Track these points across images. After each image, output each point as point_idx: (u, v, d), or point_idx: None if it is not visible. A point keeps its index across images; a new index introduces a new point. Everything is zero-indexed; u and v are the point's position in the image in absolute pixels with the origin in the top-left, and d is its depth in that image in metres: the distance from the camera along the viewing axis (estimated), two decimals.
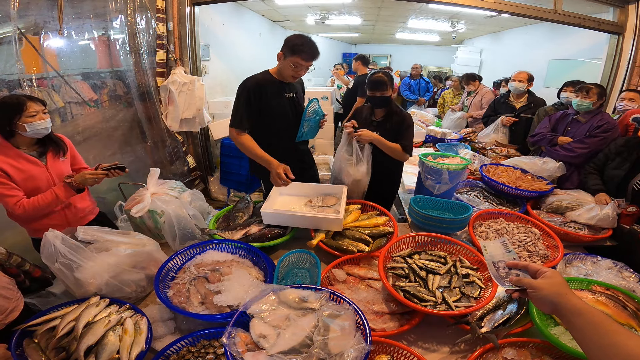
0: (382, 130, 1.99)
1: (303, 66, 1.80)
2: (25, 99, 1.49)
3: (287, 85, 1.93)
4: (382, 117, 2.04)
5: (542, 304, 0.69)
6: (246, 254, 1.43)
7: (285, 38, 1.78)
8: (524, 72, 3.20)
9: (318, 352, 0.87)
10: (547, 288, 0.68)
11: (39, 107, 1.51)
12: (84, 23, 2.73)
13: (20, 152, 1.52)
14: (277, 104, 1.90)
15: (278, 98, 1.90)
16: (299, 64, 1.77)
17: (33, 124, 1.48)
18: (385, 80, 1.92)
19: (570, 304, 0.64)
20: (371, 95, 1.97)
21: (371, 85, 1.94)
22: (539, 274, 0.73)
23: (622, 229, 1.75)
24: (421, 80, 5.96)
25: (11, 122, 1.45)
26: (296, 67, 1.78)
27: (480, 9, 3.47)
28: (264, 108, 1.87)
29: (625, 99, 2.58)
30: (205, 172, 3.93)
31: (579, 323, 0.62)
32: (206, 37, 3.98)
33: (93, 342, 0.98)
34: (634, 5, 3.22)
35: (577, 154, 2.30)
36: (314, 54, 1.77)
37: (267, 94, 1.86)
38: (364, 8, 5.87)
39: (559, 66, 5.10)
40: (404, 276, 1.28)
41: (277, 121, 1.94)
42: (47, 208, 1.55)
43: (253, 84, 1.84)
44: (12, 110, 1.45)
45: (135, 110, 3.19)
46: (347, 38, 10.00)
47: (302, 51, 1.73)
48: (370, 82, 1.95)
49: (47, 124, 1.54)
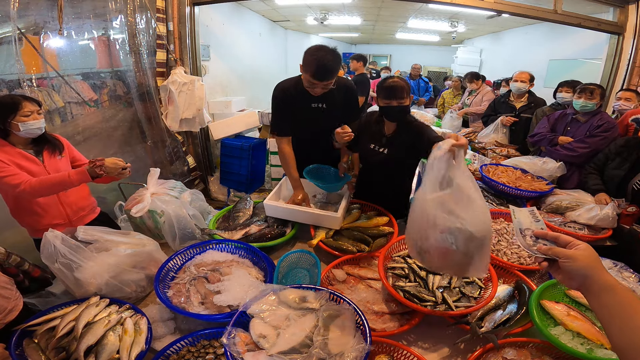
0: (393, 147, 1.69)
1: (318, 85, 1.61)
2: (21, 98, 1.50)
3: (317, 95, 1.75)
4: (395, 131, 1.69)
5: (573, 277, 0.65)
6: (246, 254, 1.43)
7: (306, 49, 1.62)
8: (525, 72, 3.20)
9: (318, 352, 0.87)
10: (582, 259, 0.64)
11: (34, 107, 1.52)
12: (83, 23, 2.74)
13: (19, 150, 1.54)
14: (302, 113, 1.79)
15: (304, 107, 1.78)
16: (312, 82, 1.60)
17: (27, 123, 1.49)
18: (403, 86, 1.57)
19: (603, 278, 0.61)
20: (386, 104, 1.59)
21: (386, 93, 1.58)
22: (570, 246, 0.69)
23: (622, 229, 1.75)
24: (420, 80, 5.96)
25: (5, 120, 1.47)
26: (311, 84, 1.62)
27: (480, 9, 3.47)
28: (292, 115, 1.80)
29: (622, 99, 2.59)
30: (205, 172, 3.93)
31: (608, 300, 0.59)
32: (206, 37, 3.99)
33: (93, 342, 0.98)
34: (634, 5, 3.22)
35: (578, 153, 2.30)
36: (322, 74, 1.57)
37: (292, 101, 1.76)
38: (364, 8, 5.88)
39: (559, 66, 5.11)
40: (404, 276, 1.28)
41: (303, 130, 1.86)
42: (56, 186, 1.51)
43: (280, 90, 1.78)
44: (7, 109, 1.46)
45: (135, 110, 3.19)
46: (347, 38, 10.00)
47: (311, 68, 1.56)
48: (384, 88, 1.59)
49: (40, 124, 1.55)
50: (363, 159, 1.90)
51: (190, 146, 3.71)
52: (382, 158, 1.71)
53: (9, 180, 1.43)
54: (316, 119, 1.81)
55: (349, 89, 1.86)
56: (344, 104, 1.85)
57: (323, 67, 1.56)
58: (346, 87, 1.85)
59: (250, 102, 5.04)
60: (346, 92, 1.85)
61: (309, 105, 1.78)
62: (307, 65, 1.58)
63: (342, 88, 1.83)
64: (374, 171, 1.84)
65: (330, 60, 1.56)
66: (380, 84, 1.64)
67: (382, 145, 1.72)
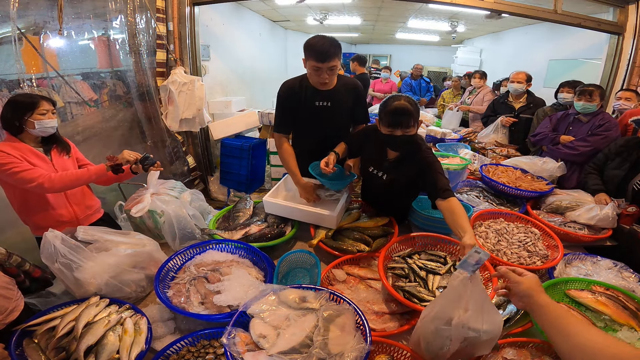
0: (394, 174, 1.55)
1: (322, 69, 1.60)
2: (39, 97, 1.56)
3: (321, 93, 1.75)
4: (399, 158, 1.54)
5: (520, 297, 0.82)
6: (246, 254, 1.43)
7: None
8: (522, 72, 3.20)
9: (318, 352, 0.87)
10: (526, 284, 0.82)
11: (49, 106, 1.58)
12: (83, 23, 2.74)
13: (30, 147, 1.57)
14: (307, 112, 1.78)
15: (308, 106, 1.77)
16: (316, 66, 1.59)
17: (42, 121, 1.54)
18: (410, 111, 1.34)
19: (541, 298, 0.78)
20: (389, 132, 1.40)
21: (389, 119, 1.37)
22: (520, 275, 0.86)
23: (622, 229, 1.75)
24: (422, 80, 5.96)
25: (22, 118, 1.51)
26: (316, 70, 1.62)
27: (480, 9, 3.47)
28: (296, 115, 1.81)
29: (622, 99, 2.60)
30: (205, 172, 3.93)
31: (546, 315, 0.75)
32: (206, 37, 3.98)
33: (93, 342, 0.98)
34: (634, 5, 3.22)
35: (580, 152, 2.31)
36: (324, 52, 1.55)
37: (296, 100, 1.77)
38: (364, 8, 5.87)
39: (559, 66, 5.11)
40: (404, 276, 1.28)
41: (309, 130, 1.86)
42: (76, 181, 1.56)
43: (285, 89, 1.79)
44: (25, 107, 1.51)
45: (135, 110, 3.19)
46: (347, 38, 9.99)
47: (312, 51, 1.57)
48: (387, 113, 1.38)
49: (54, 123, 1.60)
50: (362, 177, 1.85)
51: (190, 146, 3.71)
52: (381, 183, 1.60)
53: (24, 175, 1.45)
54: (321, 118, 1.81)
55: (356, 89, 1.85)
56: (352, 104, 1.84)
57: (321, 46, 1.56)
58: (354, 87, 1.84)
59: (250, 102, 5.04)
60: (354, 92, 1.84)
61: (313, 103, 1.77)
62: (308, 50, 1.59)
63: (350, 88, 1.82)
64: (373, 192, 1.81)
65: (328, 41, 1.57)
66: (383, 106, 1.42)
67: (382, 170, 1.59)
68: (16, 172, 1.44)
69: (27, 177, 1.45)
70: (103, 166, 1.58)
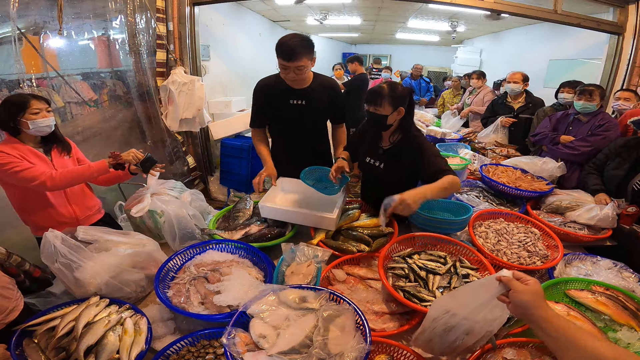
0: (389, 163, 1.58)
1: (289, 67, 1.61)
2: (29, 97, 1.54)
3: (295, 92, 1.78)
4: (393, 145, 1.57)
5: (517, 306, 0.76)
6: (246, 254, 1.43)
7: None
8: (518, 72, 3.20)
9: (318, 352, 0.87)
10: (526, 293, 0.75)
11: (42, 105, 1.55)
12: (83, 23, 2.74)
13: (29, 147, 1.57)
14: (281, 110, 1.82)
15: (282, 104, 1.81)
16: (283, 65, 1.61)
17: (36, 121, 1.52)
18: (382, 93, 1.42)
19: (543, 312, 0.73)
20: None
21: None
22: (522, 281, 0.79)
23: (622, 229, 1.75)
24: (421, 80, 5.96)
25: (15, 118, 1.50)
26: (284, 69, 1.64)
27: (480, 9, 3.47)
28: (271, 113, 1.86)
29: (621, 99, 2.60)
30: (205, 172, 3.93)
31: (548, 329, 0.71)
32: (206, 37, 3.98)
33: (93, 342, 0.98)
34: (634, 5, 3.22)
35: (580, 152, 2.31)
36: (290, 51, 1.56)
37: (270, 98, 1.82)
38: (363, 8, 5.88)
39: (559, 66, 5.11)
40: (404, 276, 1.28)
41: (286, 128, 1.91)
42: (77, 178, 1.56)
43: (259, 87, 1.86)
44: (16, 107, 1.49)
45: (135, 110, 3.19)
46: (347, 38, 10.01)
47: (279, 49, 1.59)
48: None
49: (50, 122, 1.57)
50: (361, 172, 1.88)
51: (190, 146, 3.71)
52: (378, 173, 1.62)
53: (25, 174, 1.45)
54: (296, 116, 1.84)
55: (333, 88, 1.88)
56: (328, 103, 1.87)
57: (285, 45, 1.57)
58: (331, 87, 1.87)
59: (250, 102, 5.01)
60: (330, 92, 1.86)
61: (288, 102, 1.81)
62: (277, 48, 1.61)
63: (327, 87, 1.85)
64: (371, 188, 1.81)
65: (294, 41, 1.57)
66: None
67: (378, 158, 1.62)
68: (17, 172, 1.44)
69: (29, 176, 1.45)
70: (105, 163, 1.57)
